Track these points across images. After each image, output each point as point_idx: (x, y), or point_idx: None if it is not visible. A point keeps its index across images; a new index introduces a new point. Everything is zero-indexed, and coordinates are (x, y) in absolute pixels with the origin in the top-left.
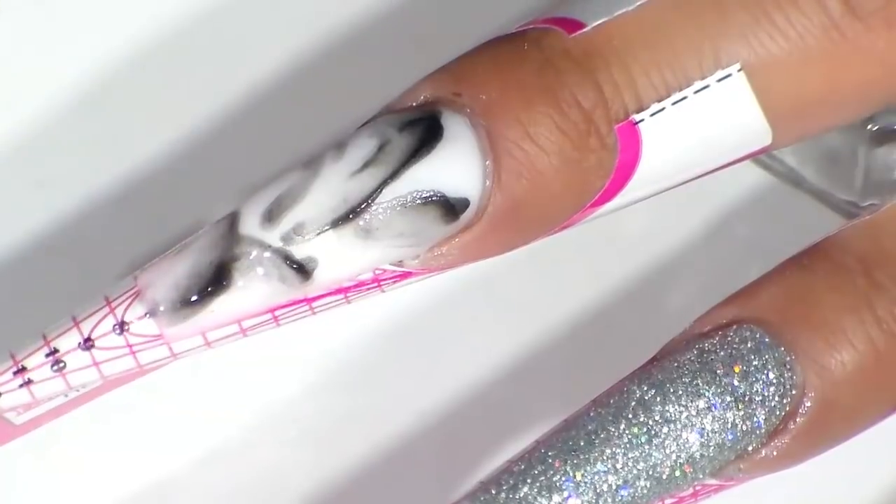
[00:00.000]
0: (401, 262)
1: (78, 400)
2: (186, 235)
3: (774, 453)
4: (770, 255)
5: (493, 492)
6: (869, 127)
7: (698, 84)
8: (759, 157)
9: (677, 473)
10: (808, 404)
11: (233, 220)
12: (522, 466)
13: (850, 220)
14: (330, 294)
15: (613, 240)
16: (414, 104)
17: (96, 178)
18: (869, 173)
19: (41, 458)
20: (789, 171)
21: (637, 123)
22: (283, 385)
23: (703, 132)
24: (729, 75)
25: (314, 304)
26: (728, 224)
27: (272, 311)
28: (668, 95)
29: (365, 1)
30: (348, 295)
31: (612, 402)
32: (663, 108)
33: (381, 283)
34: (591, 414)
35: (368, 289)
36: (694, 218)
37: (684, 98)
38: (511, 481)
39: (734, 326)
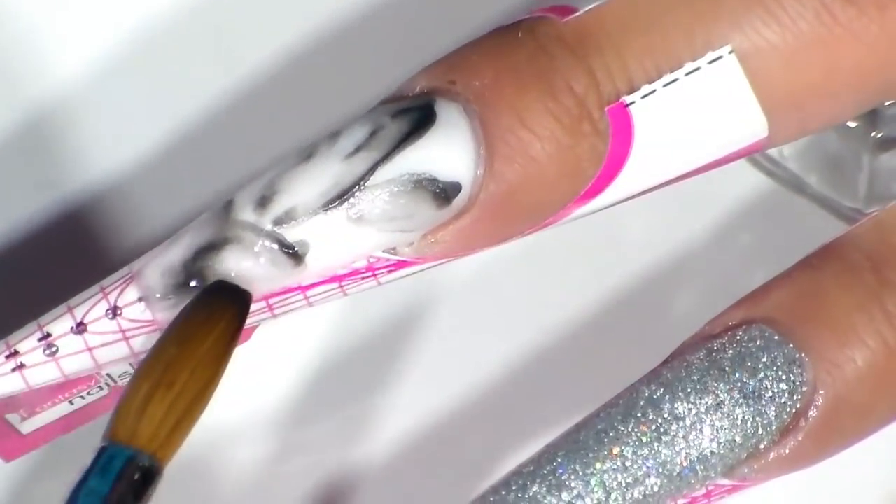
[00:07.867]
0: (394, 249)
1: (86, 412)
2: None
3: (786, 452)
4: (773, 262)
5: (503, 492)
6: (873, 134)
7: (689, 66)
8: (763, 163)
9: (688, 471)
10: (820, 402)
11: (226, 207)
12: (532, 468)
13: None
14: (325, 282)
15: (617, 246)
16: (410, 94)
17: (96, 177)
18: (873, 181)
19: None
20: (793, 178)
21: (628, 106)
22: (285, 384)
23: (696, 117)
24: (720, 57)
25: (309, 294)
26: (731, 230)
27: (266, 298)
28: (660, 78)
29: None
30: (343, 284)
31: (621, 402)
32: (654, 91)
33: (376, 271)
34: (601, 415)
35: (363, 278)
36: (697, 224)
37: (675, 80)
38: (521, 481)
39: (743, 326)
